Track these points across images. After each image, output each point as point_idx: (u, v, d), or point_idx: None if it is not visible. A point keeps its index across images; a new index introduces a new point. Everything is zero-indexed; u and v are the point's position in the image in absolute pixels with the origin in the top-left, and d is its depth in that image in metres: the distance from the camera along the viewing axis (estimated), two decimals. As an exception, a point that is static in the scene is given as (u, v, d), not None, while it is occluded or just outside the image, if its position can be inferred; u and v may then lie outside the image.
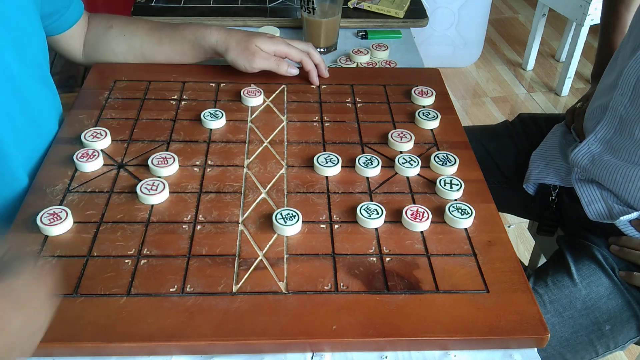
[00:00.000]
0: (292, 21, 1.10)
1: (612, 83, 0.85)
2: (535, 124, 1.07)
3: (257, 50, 0.85)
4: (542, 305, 0.80)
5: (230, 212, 0.67)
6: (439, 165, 0.73)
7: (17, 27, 0.70)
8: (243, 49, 0.85)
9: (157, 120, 0.81)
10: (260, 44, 0.86)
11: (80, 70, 1.40)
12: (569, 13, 2.21)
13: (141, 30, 0.90)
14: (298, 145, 0.77)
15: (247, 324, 0.55)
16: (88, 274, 0.59)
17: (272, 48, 0.86)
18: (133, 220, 0.65)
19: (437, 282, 0.59)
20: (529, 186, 0.99)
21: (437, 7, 2.31)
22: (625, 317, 0.80)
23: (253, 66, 0.86)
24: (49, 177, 0.70)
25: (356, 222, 0.66)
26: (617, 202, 0.83)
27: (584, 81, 2.46)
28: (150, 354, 0.54)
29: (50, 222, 0.62)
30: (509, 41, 2.76)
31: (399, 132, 0.78)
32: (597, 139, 0.85)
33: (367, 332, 0.54)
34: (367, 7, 1.12)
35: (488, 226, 0.66)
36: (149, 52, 0.90)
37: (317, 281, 0.59)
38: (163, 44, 0.90)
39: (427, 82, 0.90)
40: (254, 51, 0.85)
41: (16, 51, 0.70)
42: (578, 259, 0.84)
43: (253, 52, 0.85)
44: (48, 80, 0.80)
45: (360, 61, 0.99)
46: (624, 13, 1.01)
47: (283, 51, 0.87)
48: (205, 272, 0.59)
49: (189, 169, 0.73)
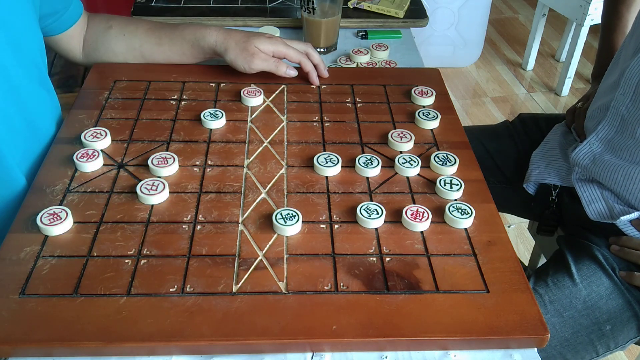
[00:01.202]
0: (292, 21, 1.10)
1: (613, 83, 0.85)
2: (535, 124, 1.07)
3: (255, 51, 0.85)
4: (543, 305, 0.80)
5: (230, 212, 0.67)
6: (439, 165, 0.73)
7: (14, 28, 0.70)
8: (242, 49, 0.85)
9: (157, 120, 0.81)
10: (259, 44, 0.86)
11: (80, 70, 1.40)
12: (569, 13, 2.21)
13: (141, 30, 0.90)
14: (298, 145, 0.77)
15: (247, 324, 0.55)
16: (88, 274, 0.59)
17: (270, 49, 0.86)
18: (133, 220, 0.65)
19: (437, 282, 0.59)
20: (529, 186, 0.99)
21: (437, 7, 2.31)
22: (626, 317, 0.80)
23: (252, 67, 0.86)
24: (49, 177, 0.70)
25: (356, 222, 0.66)
26: (618, 202, 0.83)
27: (584, 81, 2.46)
28: (150, 354, 0.54)
29: (50, 222, 0.62)
30: (509, 41, 2.76)
31: (399, 132, 0.78)
32: (598, 139, 0.85)
33: (367, 332, 0.54)
34: (367, 7, 1.12)
35: (488, 226, 0.66)
36: (148, 52, 0.90)
37: (317, 281, 0.59)
38: (162, 44, 0.90)
39: (427, 82, 0.90)
40: (252, 52, 0.85)
41: (13, 52, 0.70)
42: (578, 259, 0.84)
43: (252, 53, 0.85)
44: (46, 82, 0.80)
45: (360, 61, 0.99)
46: (624, 13, 1.01)
47: (282, 52, 0.87)
48: (205, 272, 0.59)
49: (189, 169, 0.73)
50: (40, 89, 0.78)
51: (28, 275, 0.58)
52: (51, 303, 0.55)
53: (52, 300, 0.56)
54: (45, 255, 0.60)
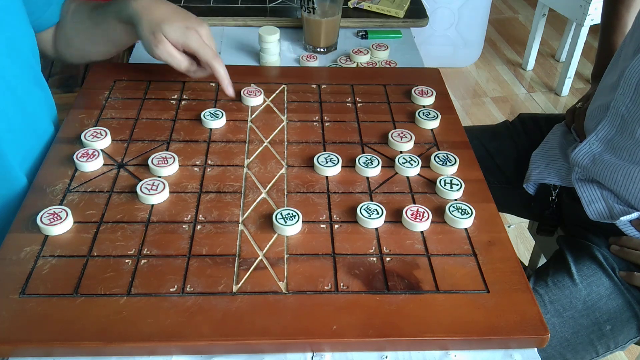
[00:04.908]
0: (292, 21, 1.10)
1: (613, 83, 0.85)
2: (535, 124, 1.07)
3: (161, 39, 0.76)
4: (543, 305, 0.80)
5: (231, 212, 0.67)
6: (439, 165, 0.73)
7: (8, 27, 0.70)
8: (150, 32, 0.76)
9: (157, 120, 0.81)
10: (169, 33, 0.76)
11: (80, 70, 1.40)
12: (569, 13, 2.21)
13: (86, 11, 0.83)
14: (298, 145, 0.77)
15: (247, 324, 0.54)
16: (88, 274, 0.59)
17: (180, 40, 0.77)
18: (133, 220, 0.65)
19: (437, 282, 0.59)
20: (529, 186, 0.99)
21: (437, 7, 2.32)
22: (626, 317, 0.80)
23: (153, 54, 0.78)
24: (49, 177, 0.70)
25: (356, 222, 0.66)
26: (618, 202, 0.83)
27: (584, 81, 2.46)
28: (150, 354, 0.54)
29: (50, 222, 0.62)
30: (509, 41, 2.76)
31: (399, 132, 0.78)
32: (598, 139, 0.85)
33: (367, 332, 0.54)
34: (367, 7, 1.12)
35: (488, 226, 0.66)
36: (92, 34, 0.83)
37: (317, 281, 0.59)
38: (99, 23, 0.82)
39: (427, 82, 0.90)
40: (159, 40, 0.76)
41: (8, 52, 0.70)
42: (578, 259, 0.84)
43: (158, 40, 0.76)
44: (40, 81, 0.79)
45: (360, 61, 0.99)
46: (624, 13, 1.01)
47: (191, 48, 0.78)
48: (205, 272, 0.59)
49: (189, 169, 0.72)
50: (35, 88, 0.77)
51: (28, 275, 0.58)
52: (51, 303, 0.55)
53: (52, 300, 0.56)
54: (45, 255, 0.60)
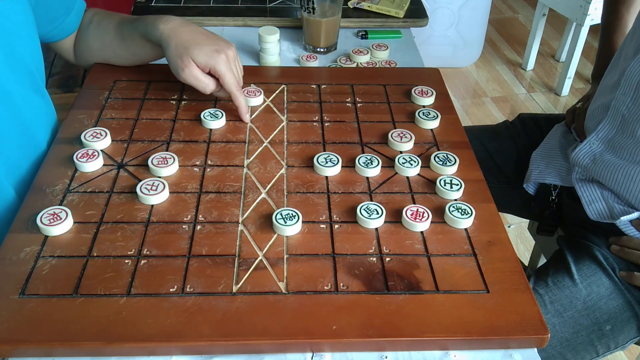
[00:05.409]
0: (292, 21, 1.10)
1: (614, 83, 0.85)
2: (535, 124, 1.07)
3: (189, 63, 0.77)
4: (543, 305, 0.80)
5: (230, 212, 0.67)
6: (439, 165, 0.73)
7: (7, 34, 0.69)
8: (177, 55, 0.78)
9: (157, 120, 0.80)
10: (197, 56, 0.77)
11: (80, 70, 1.40)
12: (569, 13, 2.21)
13: (113, 24, 0.85)
14: (298, 145, 0.77)
15: (247, 324, 0.54)
16: (88, 274, 0.59)
17: (208, 64, 0.77)
18: (133, 220, 0.65)
19: (437, 282, 0.59)
20: (529, 186, 0.99)
21: (437, 7, 2.31)
22: (626, 317, 0.80)
23: (180, 78, 0.79)
24: (49, 177, 0.70)
25: (356, 222, 0.66)
26: (618, 202, 0.83)
27: (584, 81, 2.46)
28: (150, 354, 0.54)
29: (50, 222, 0.62)
30: (509, 41, 2.76)
31: (399, 132, 0.78)
32: (598, 138, 0.85)
33: (367, 332, 0.54)
34: (367, 7, 1.12)
35: (488, 226, 0.66)
36: (117, 47, 0.86)
37: (317, 281, 0.59)
38: (125, 38, 0.84)
39: (427, 82, 0.90)
40: (186, 64, 0.77)
41: (6, 58, 0.69)
42: (578, 259, 0.84)
43: (185, 64, 0.77)
44: (41, 88, 0.78)
45: (360, 61, 0.99)
46: (624, 13, 1.01)
47: (218, 72, 0.78)
48: (205, 272, 0.59)
49: (189, 169, 0.72)
50: (34, 95, 0.76)
51: (28, 276, 0.58)
52: (51, 303, 0.55)
53: (52, 300, 0.56)
54: (45, 256, 0.60)
